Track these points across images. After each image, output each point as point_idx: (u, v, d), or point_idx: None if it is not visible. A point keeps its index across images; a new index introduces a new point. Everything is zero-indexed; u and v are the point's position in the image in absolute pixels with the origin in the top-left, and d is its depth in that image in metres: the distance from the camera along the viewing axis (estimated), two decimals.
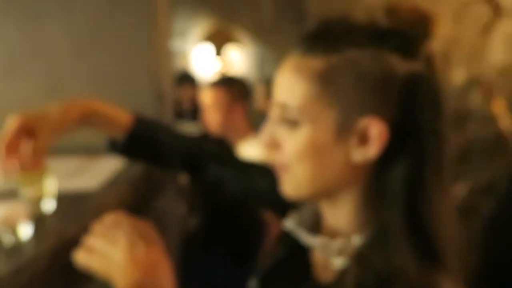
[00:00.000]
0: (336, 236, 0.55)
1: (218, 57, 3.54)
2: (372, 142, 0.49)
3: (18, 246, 0.67)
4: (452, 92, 3.16)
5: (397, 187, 0.50)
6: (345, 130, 0.50)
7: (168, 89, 1.36)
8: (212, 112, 1.79)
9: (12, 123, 0.70)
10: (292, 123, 0.52)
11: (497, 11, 2.65)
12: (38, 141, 0.71)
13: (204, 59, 3.54)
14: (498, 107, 2.63)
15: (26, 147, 0.69)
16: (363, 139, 0.50)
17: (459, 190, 2.89)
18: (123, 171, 1.06)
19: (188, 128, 2.37)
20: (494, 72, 3.62)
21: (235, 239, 1.72)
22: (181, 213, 1.84)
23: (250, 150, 1.81)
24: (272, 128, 0.55)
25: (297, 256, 0.65)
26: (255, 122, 2.74)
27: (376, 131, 0.49)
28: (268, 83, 2.81)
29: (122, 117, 0.83)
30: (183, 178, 1.71)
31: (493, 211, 1.33)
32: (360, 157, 0.51)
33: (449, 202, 0.52)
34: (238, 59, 3.47)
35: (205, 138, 1.90)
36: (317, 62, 0.50)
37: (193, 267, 1.67)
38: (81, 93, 1.26)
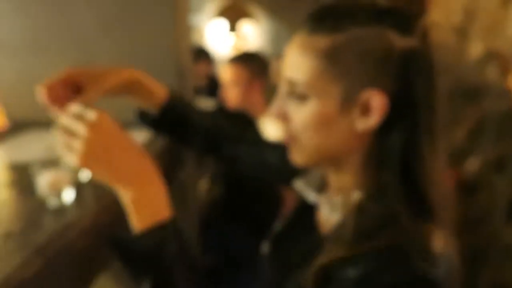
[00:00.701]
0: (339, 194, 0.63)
1: (232, 32, 3.54)
2: (374, 112, 0.55)
3: (62, 208, 0.74)
4: (469, 66, 3.14)
5: (394, 151, 0.55)
6: (349, 102, 0.55)
7: (188, 64, 1.41)
8: (231, 88, 1.82)
9: (59, 73, 0.73)
10: (300, 98, 0.58)
11: None
12: (83, 96, 0.73)
13: (218, 34, 3.54)
14: None
15: (71, 99, 0.70)
16: (366, 110, 0.56)
17: (471, 164, 2.91)
18: (149, 143, 1.12)
19: (204, 103, 2.41)
20: (510, 43, 3.55)
21: (253, 211, 1.79)
22: (204, 184, 1.92)
23: (267, 126, 1.85)
24: (281, 102, 0.61)
25: (304, 215, 0.73)
26: (270, 96, 2.77)
27: (378, 102, 0.54)
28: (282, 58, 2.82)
29: (159, 91, 0.88)
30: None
31: None
32: (362, 126, 0.56)
33: (440, 164, 0.57)
34: (253, 34, 3.47)
35: (225, 113, 1.94)
36: (323, 40, 0.55)
37: (213, 235, 1.76)
38: None
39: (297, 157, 0.63)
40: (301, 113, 0.58)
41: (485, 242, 2.70)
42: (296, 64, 0.57)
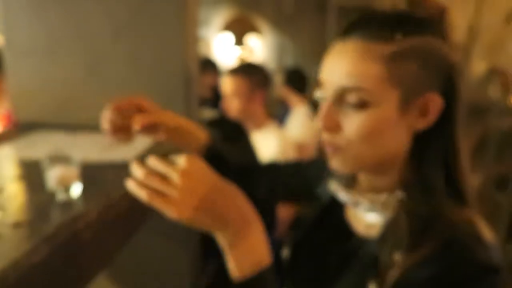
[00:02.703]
0: (378, 193, 0.64)
1: (238, 45, 3.61)
2: (432, 113, 0.59)
3: (70, 202, 0.76)
4: (473, 83, 3.17)
5: (438, 150, 0.60)
6: (407, 105, 0.58)
7: (195, 74, 1.44)
8: (232, 100, 1.83)
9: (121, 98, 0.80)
10: (359, 105, 0.57)
11: None
12: (148, 115, 0.81)
13: (225, 47, 3.61)
14: None
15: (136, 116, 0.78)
16: (424, 111, 0.59)
17: (473, 180, 2.91)
18: (155, 145, 1.15)
19: (209, 115, 2.44)
20: None
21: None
22: None
23: (267, 138, 1.87)
24: (331, 111, 0.59)
25: (330, 216, 0.74)
26: (274, 109, 2.80)
27: (435, 104, 0.58)
28: (286, 71, 2.87)
29: (200, 136, 0.89)
30: None
31: None
32: (421, 126, 0.60)
33: (466, 161, 0.63)
34: (258, 47, 3.54)
35: (223, 122, 1.95)
36: (383, 48, 0.56)
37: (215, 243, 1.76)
38: (117, 74, 1.36)
39: (341, 165, 0.63)
40: (358, 121, 0.58)
41: None
42: (358, 71, 0.56)
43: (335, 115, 0.60)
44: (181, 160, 0.54)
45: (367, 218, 0.66)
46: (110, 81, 1.36)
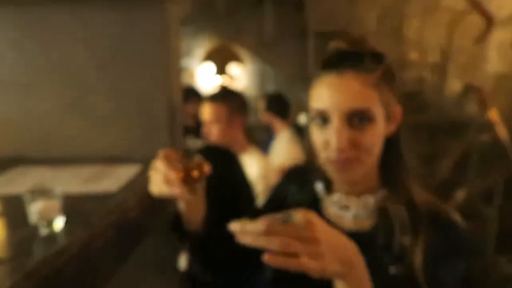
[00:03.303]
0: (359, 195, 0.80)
1: (220, 74, 3.66)
2: (398, 121, 0.77)
3: (53, 236, 0.75)
4: (449, 101, 3.27)
5: (399, 151, 0.78)
6: (388, 117, 0.75)
7: (179, 104, 1.46)
8: (212, 126, 1.84)
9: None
10: (369, 121, 0.71)
11: (489, 21, 2.75)
12: None
13: (207, 77, 3.66)
14: (494, 115, 2.71)
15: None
16: (394, 120, 0.76)
17: (459, 195, 2.96)
18: (139, 175, 1.14)
19: (193, 143, 2.44)
20: (490, 81, 3.73)
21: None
22: None
23: (248, 163, 1.87)
24: (345, 133, 0.71)
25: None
26: (256, 134, 2.82)
27: (399, 113, 0.77)
28: (267, 97, 2.91)
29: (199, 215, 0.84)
30: None
31: None
32: (389, 133, 0.76)
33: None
34: (240, 75, 3.60)
35: (211, 149, 1.96)
36: (371, 78, 0.72)
37: None
38: (101, 106, 1.37)
39: (359, 174, 0.76)
40: (369, 135, 0.72)
41: (479, 273, 2.68)
42: (363, 96, 0.71)
43: (349, 133, 0.71)
44: (301, 215, 0.55)
45: (344, 215, 0.81)
46: (94, 113, 1.36)
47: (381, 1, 3.50)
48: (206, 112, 1.86)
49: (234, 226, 0.56)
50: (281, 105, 2.90)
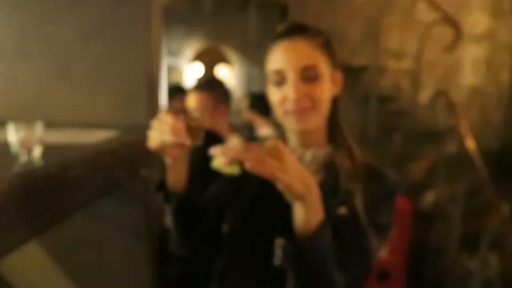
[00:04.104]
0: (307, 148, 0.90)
1: (209, 75, 3.81)
2: (340, 84, 0.90)
3: (31, 161, 0.86)
4: (423, 109, 3.44)
5: (340, 113, 0.91)
6: (330, 78, 0.86)
7: (158, 80, 1.58)
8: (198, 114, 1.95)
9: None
10: (315, 78, 0.83)
11: (458, 32, 2.94)
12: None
13: (195, 76, 3.79)
14: (464, 127, 2.88)
15: None
16: (335, 83, 0.88)
17: (428, 197, 3.10)
18: (113, 139, 1.26)
19: None
20: (464, 93, 3.93)
21: None
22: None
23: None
24: (300, 86, 0.83)
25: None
26: (242, 132, 2.93)
27: (340, 78, 0.90)
28: (251, 96, 3.05)
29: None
30: None
31: None
32: (334, 93, 0.88)
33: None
34: (227, 77, 3.74)
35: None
36: (316, 42, 0.85)
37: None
38: (86, 76, 1.49)
39: (314, 123, 0.86)
40: (319, 89, 0.83)
41: (444, 269, 2.81)
42: (311, 54, 0.84)
43: (302, 86, 0.83)
44: (272, 142, 0.66)
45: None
46: (79, 83, 1.48)
47: (363, 12, 3.70)
48: (192, 100, 1.96)
49: (215, 149, 0.67)
50: (263, 104, 3.02)
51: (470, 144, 2.82)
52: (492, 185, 2.83)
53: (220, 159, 0.68)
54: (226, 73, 3.77)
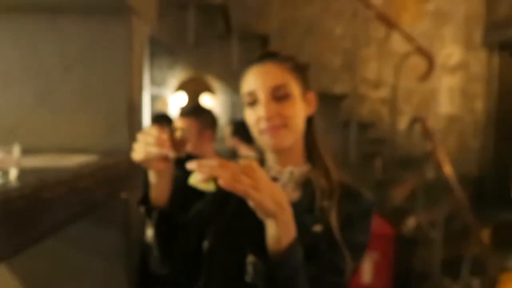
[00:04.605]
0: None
1: (192, 103, 3.87)
2: (313, 104, 0.94)
3: (7, 183, 0.86)
4: (402, 137, 3.54)
5: (316, 133, 0.95)
6: (303, 97, 0.92)
7: (138, 104, 1.61)
8: None
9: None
10: (286, 96, 0.88)
11: (431, 62, 3.08)
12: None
13: (180, 106, 3.84)
14: (441, 153, 2.96)
15: None
16: (310, 104, 0.93)
17: (410, 222, 3.13)
18: (96, 160, 1.27)
19: None
20: (441, 121, 4.06)
21: None
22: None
23: None
24: (270, 105, 0.87)
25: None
26: (226, 158, 2.94)
27: (313, 98, 0.94)
28: (234, 123, 3.10)
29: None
30: None
31: None
32: (309, 113, 0.93)
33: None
34: (211, 105, 3.80)
35: (181, 159, 2.07)
36: (285, 65, 0.91)
37: None
38: (66, 103, 1.51)
39: (285, 139, 0.89)
40: (289, 107, 0.88)
41: None
42: (280, 76, 0.89)
43: (273, 105, 0.87)
44: (246, 161, 0.69)
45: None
46: (59, 108, 1.50)
47: (341, 44, 3.86)
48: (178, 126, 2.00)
49: (191, 164, 0.69)
50: (246, 131, 3.06)
51: (448, 170, 2.90)
52: (471, 210, 2.88)
53: (197, 175, 0.70)
54: (209, 102, 3.83)
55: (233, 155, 3.22)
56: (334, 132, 3.12)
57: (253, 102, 0.90)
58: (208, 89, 3.87)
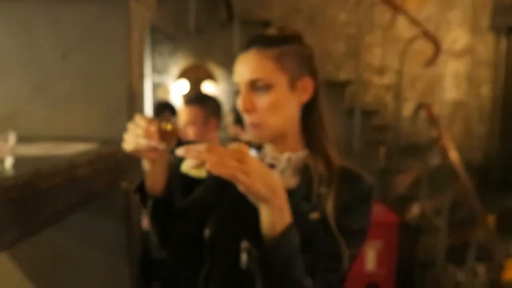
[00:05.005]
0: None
1: (194, 91, 3.83)
2: (309, 90, 0.86)
3: (2, 172, 0.85)
4: (406, 123, 3.50)
5: (317, 117, 0.89)
6: (293, 86, 0.85)
7: (138, 90, 1.58)
8: (188, 128, 1.97)
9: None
10: (265, 88, 0.82)
11: (437, 47, 3.02)
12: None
13: (181, 93, 3.80)
14: (447, 140, 2.93)
15: None
16: (304, 89, 0.86)
17: (414, 209, 3.11)
18: (95, 150, 1.25)
19: None
20: (447, 107, 4.01)
21: None
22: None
23: None
24: (248, 96, 0.83)
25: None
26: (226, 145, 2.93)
27: (309, 84, 0.86)
28: (235, 111, 3.07)
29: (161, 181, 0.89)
30: None
31: None
32: (304, 100, 0.87)
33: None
34: (213, 92, 3.75)
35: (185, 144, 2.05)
36: (272, 52, 0.83)
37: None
38: (64, 91, 1.48)
39: (261, 137, 0.86)
40: (267, 100, 0.82)
41: (433, 282, 2.80)
42: (259, 67, 0.83)
43: (250, 99, 0.83)
44: (236, 145, 0.67)
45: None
46: (57, 97, 1.47)
47: (344, 30, 3.79)
48: (183, 114, 1.97)
49: (180, 150, 0.67)
50: None
51: (454, 156, 2.86)
52: (477, 197, 2.85)
53: (188, 162, 0.68)
54: (211, 89, 3.80)
55: (234, 142, 3.19)
56: (338, 119, 3.09)
57: (238, 92, 0.87)
58: (210, 76, 3.83)
